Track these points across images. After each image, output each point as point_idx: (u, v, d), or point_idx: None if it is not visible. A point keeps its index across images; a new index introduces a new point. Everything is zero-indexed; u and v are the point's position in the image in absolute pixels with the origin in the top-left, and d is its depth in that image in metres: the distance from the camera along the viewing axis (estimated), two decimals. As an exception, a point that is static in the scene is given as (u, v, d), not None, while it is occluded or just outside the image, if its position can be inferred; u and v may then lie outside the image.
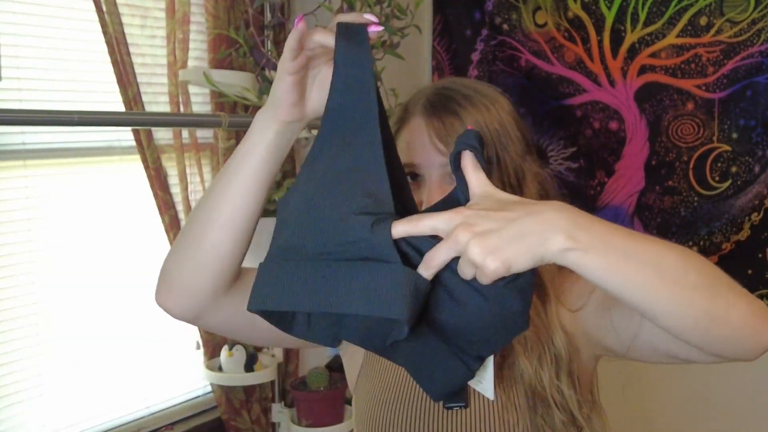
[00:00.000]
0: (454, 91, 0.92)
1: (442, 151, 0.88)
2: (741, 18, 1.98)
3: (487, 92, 0.94)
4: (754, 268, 2.03)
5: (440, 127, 0.88)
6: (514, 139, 0.92)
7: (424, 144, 0.89)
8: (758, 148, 2.00)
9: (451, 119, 0.89)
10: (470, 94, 0.92)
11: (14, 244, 1.52)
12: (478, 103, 0.91)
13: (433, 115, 0.90)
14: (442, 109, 0.90)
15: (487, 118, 0.90)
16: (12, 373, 1.52)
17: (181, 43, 1.70)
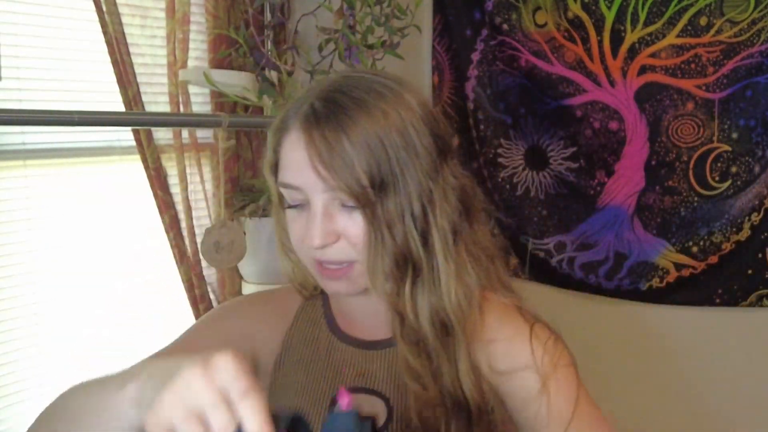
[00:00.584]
0: (345, 94, 0.75)
1: (325, 177, 0.72)
2: (741, 18, 1.98)
3: (388, 91, 0.77)
4: (754, 268, 2.03)
5: (321, 148, 0.72)
6: (420, 152, 0.75)
7: (305, 166, 0.73)
8: (758, 148, 2.00)
9: (336, 135, 0.72)
10: (363, 97, 0.75)
11: (14, 244, 1.52)
12: (373, 108, 0.74)
13: (315, 128, 0.73)
14: (326, 120, 0.73)
15: (384, 128, 0.74)
16: (12, 373, 1.52)
17: (181, 43, 1.70)
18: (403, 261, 0.75)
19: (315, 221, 0.74)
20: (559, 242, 2.34)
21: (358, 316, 0.87)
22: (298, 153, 0.74)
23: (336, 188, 0.72)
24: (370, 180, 0.72)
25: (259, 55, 1.70)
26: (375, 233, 0.74)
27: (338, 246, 0.76)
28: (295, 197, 0.77)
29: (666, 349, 2.24)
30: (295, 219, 0.79)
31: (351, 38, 1.69)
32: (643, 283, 2.21)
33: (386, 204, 0.74)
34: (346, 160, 0.72)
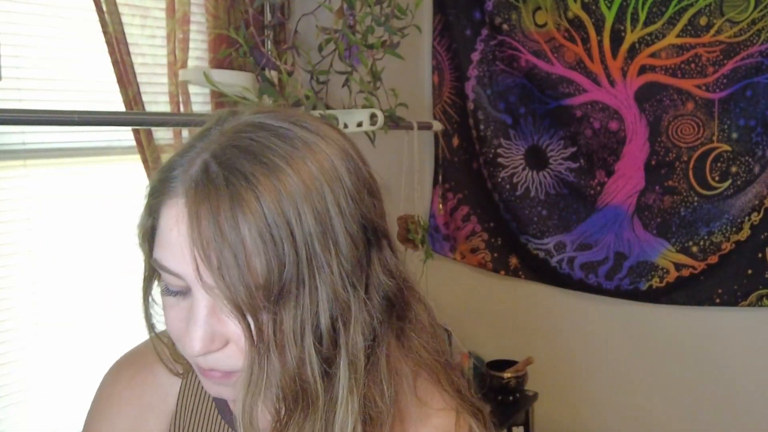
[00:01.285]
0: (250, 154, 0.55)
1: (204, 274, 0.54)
2: (741, 18, 1.98)
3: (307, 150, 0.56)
4: (754, 268, 2.03)
5: (207, 235, 0.53)
6: (342, 245, 0.56)
7: (185, 252, 0.55)
8: (758, 148, 2.00)
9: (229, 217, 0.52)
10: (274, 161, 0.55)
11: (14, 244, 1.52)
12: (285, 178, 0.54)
13: (203, 201, 0.53)
14: (217, 193, 0.53)
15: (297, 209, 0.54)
16: (12, 373, 1.52)
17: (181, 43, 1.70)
18: (292, 395, 0.56)
19: (197, 323, 0.56)
20: (559, 242, 2.34)
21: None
22: (178, 232, 0.55)
23: (219, 290, 0.53)
24: (265, 286, 0.53)
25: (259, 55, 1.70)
26: (258, 357, 0.55)
27: (225, 352, 0.58)
28: (174, 283, 0.58)
29: (666, 349, 2.24)
30: (173, 307, 0.59)
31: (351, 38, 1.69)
32: (643, 283, 2.21)
33: (281, 319, 0.55)
34: (237, 252, 0.52)
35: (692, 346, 2.19)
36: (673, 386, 2.23)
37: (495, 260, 2.48)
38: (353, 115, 1.70)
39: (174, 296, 0.59)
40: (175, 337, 0.61)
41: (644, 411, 2.29)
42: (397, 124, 1.86)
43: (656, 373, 2.26)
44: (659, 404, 2.26)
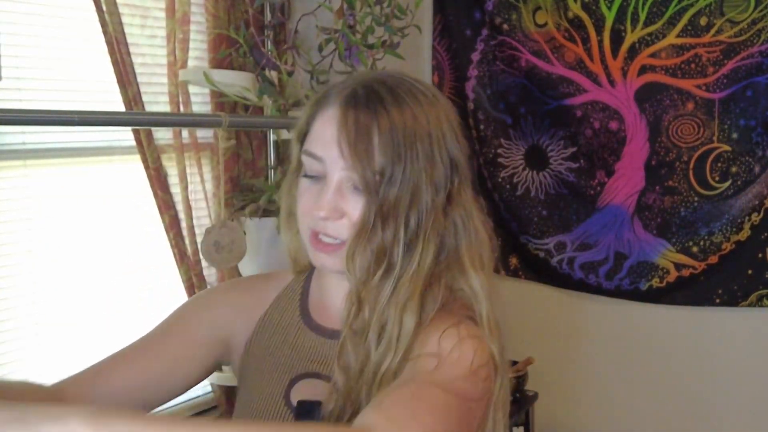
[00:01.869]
0: (386, 87, 0.80)
1: (345, 156, 0.76)
2: (741, 18, 1.98)
3: (424, 98, 0.81)
4: (754, 268, 2.03)
5: (352, 130, 0.77)
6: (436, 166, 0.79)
7: (332, 141, 0.78)
8: (758, 148, 2.00)
9: (368, 122, 0.77)
10: (401, 96, 0.79)
11: (14, 244, 1.52)
12: (407, 108, 0.78)
13: (351, 110, 0.78)
14: (363, 106, 0.78)
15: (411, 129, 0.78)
16: (12, 373, 1.52)
17: (181, 43, 1.70)
18: (382, 257, 0.78)
19: (327, 194, 0.78)
20: (559, 242, 2.34)
21: (333, 302, 0.88)
22: (330, 128, 0.79)
23: (351, 168, 0.77)
24: (381, 171, 0.76)
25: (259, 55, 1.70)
26: (368, 221, 0.77)
27: (339, 223, 0.79)
28: (313, 168, 0.80)
29: (666, 349, 2.24)
30: (307, 188, 0.82)
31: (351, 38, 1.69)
32: (643, 283, 2.21)
33: (388, 199, 0.77)
34: (368, 146, 0.76)
35: (692, 346, 2.19)
36: (673, 386, 2.23)
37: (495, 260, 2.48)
38: (353, 115, 1.70)
39: (310, 179, 0.81)
40: (303, 210, 0.82)
41: (644, 411, 2.29)
42: (397, 124, 1.85)
43: (656, 373, 2.26)
44: (659, 404, 2.26)
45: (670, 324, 2.22)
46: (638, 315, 2.26)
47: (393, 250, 0.78)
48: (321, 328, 0.88)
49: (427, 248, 0.78)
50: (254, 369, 0.90)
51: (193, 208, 1.73)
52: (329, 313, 0.89)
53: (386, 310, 0.78)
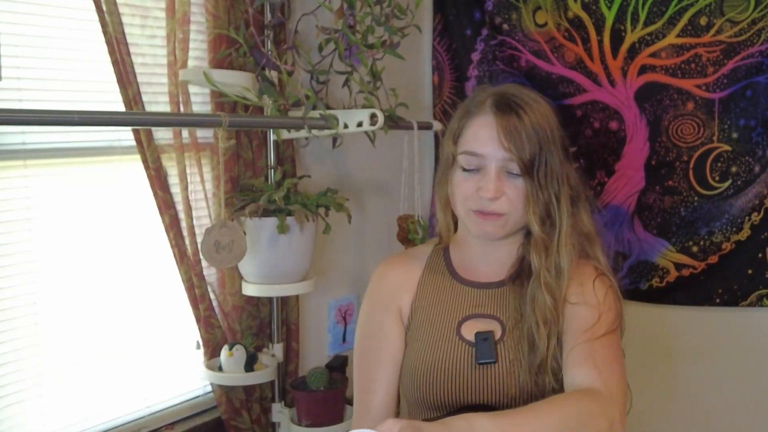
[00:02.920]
0: (518, 97, 1.10)
1: (506, 147, 1.06)
2: (741, 18, 1.98)
3: (539, 100, 1.12)
4: (754, 268, 2.03)
5: (507, 126, 1.06)
6: (558, 145, 1.10)
7: (492, 138, 1.07)
8: (758, 148, 2.00)
9: (516, 120, 1.07)
10: (528, 101, 1.10)
11: (14, 244, 1.52)
12: (535, 109, 1.09)
13: (502, 115, 1.07)
14: (509, 112, 1.08)
15: (542, 122, 1.09)
16: (12, 372, 1.52)
17: (181, 43, 1.70)
18: (547, 213, 1.10)
19: (492, 179, 1.07)
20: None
21: (477, 263, 1.19)
22: (487, 130, 1.08)
23: (513, 158, 1.06)
24: (532, 156, 1.07)
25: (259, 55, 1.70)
26: (533, 191, 1.08)
27: (500, 201, 1.08)
28: (471, 162, 1.09)
29: (666, 349, 2.24)
30: (466, 179, 1.10)
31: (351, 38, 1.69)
32: (644, 282, 2.21)
33: (539, 174, 1.07)
34: (522, 139, 1.06)
35: (692, 346, 2.19)
36: (673, 386, 2.23)
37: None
38: (353, 115, 1.70)
39: (469, 173, 1.10)
40: (465, 196, 1.11)
41: (644, 411, 2.29)
42: (397, 124, 1.86)
43: (656, 373, 2.26)
44: (659, 404, 2.26)
45: (670, 324, 2.22)
46: (638, 315, 2.25)
47: (550, 208, 1.09)
48: (471, 282, 1.18)
49: (566, 205, 1.10)
50: (422, 320, 1.17)
51: (193, 208, 1.73)
52: (475, 271, 1.19)
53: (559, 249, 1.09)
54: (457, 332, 1.13)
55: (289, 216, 1.69)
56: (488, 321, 1.13)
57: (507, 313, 1.13)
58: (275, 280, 1.74)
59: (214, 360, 1.80)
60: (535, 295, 1.09)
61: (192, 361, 1.83)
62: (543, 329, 1.06)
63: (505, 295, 1.15)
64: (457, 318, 1.14)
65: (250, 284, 1.76)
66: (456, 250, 1.23)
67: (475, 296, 1.16)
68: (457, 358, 1.10)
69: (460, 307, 1.15)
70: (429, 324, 1.16)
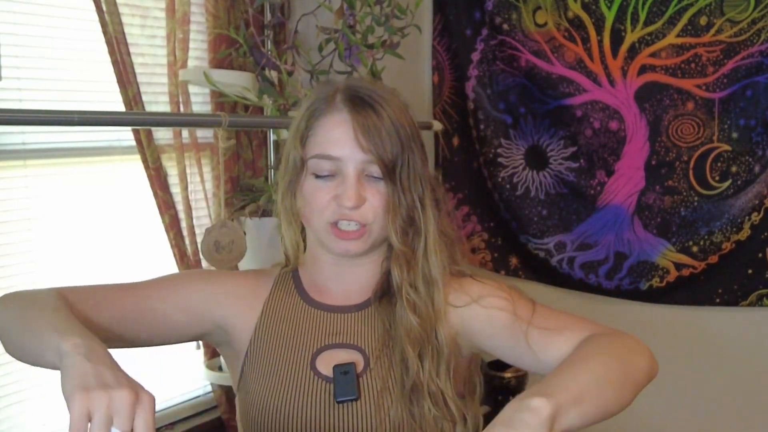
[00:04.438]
0: (372, 90, 0.96)
1: (364, 148, 0.92)
2: (741, 18, 1.98)
3: (394, 93, 1.00)
4: (754, 268, 2.03)
5: (364, 124, 0.92)
6: (418, 143, 0.98)
7: (349, 138, 0.93)
8: (758, 148, 2.00)
9: (374, 117, 0.93)
10: (383, 95, 0.97)
11: (14, 244, 1.52)
12: (392, 104, 0.96)
13: (357, 112, 0.93)
14: (364, 107, 0.94)
15: (401, 118, 0.96)
16: (12, 372, 1.52)
17: (181, 43, 1.70)
18: (410, 221, 0.97)
19: (351, 185, 0.92)
20: (559, 242, 2.34)
21: (332, 284, 1.02)
22: (342, 129, 0.93)
23: (373, 160, 0.93)
24: (394, 156, 0.94)
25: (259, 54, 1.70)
26: (395, 197, 0.95)
27: (363, 209, 0.94)
28: (325, 168, 0.94)
29: (666, 349, 2.23)
30: (320, 187, 0.94)
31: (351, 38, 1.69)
32: (644, 282, 2.21)
33: (402, 177, 0.95)
34: (382, 138, 0.93)
35: (692, 346, 2.19)
36: (673, 386, 2.23)
37: (495, 260, 2.48)
38: (353, 115, 1.70)
39: (323, 179, 0.94)
40: (319, 209, 0.94)
41: (644, 411, 2.28)
42: (397, 124, 1.85)
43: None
44: (659, 404, 2.26)
45: (670, 324, 2.22)
46: (638, 315, 2.26)
47: (414, 214, 0.97)
48: (325, 306, 1.01)
49: (432, 209, 0.99)
50: (267, 354, 0.99)
51: (193, 208, 1.73)
52: (330, 293, 1.02)
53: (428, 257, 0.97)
54: (312, 366, 0.96)
55: (289, 216, 1.69)
56: (348, 351, 0.97)
57: (371, 339, 0.97)
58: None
59: (214, 360, 1.80)
60: (401, 315, 0.95)
61: (192, 361, 1.83)
62: (412, 351, 0.93)
63: (369, 318, 0.99)
64: (311, 349, 0.97)
65: (250, 284, 1.76)
66: (306, 272, 1.05)
67: (331, 322, 0.99)
68: (313, 397, 0.93)
69: (315, 336, 0.98)
70: (278, 355, 0.98)
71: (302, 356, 0.97)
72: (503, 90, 2.38)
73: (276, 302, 1.03)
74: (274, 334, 1.00)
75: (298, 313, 1.01)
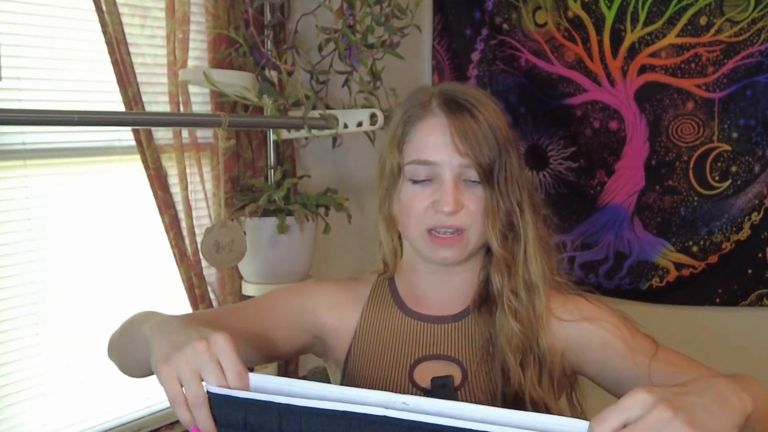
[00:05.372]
0: (467, 94, 0.96)
1: (461, 152, 0.91)
2: (741, 17, 1.98)
3: (489, 96, 0.98)
4: (754, 267, 2.03)
5: (461, 128, 0.92)
6: (515, 145, 0.97)
7: (446, 143, 0.92)
8: (758, 148, 2.00)
9: (470, 121, 0.92)
10: (479, 98, 0.95)
11: (14, 244, 1.52)
12: (488, 106, 0.95)
13: (454, 116, 0.93)
14: (460, 111, 0.93)
15: (497, 122, 0.94)
16: (12, 372, 1.52)
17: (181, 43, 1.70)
18: (510, 225, 0.95)
19: (449, 190, 0.91)
20: (559, 242, 2.34)
21: (430, 294, 1.01)
22: (439, 134, 0.93)
23: (471, 164, 0.92)
24: (491, 160, 0.93)
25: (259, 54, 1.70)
26: (493, 201, 0.93)
27: (460, 214, 0.93)
28: (421, 173, 0.94)
29: (666, 349, 2.24)
30: (418, 193, 0.94)
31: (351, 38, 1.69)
32: (643, 282, 2.21)
33: (500, 180, 0.93)
34: (479, 142, 0.92)
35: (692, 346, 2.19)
36: (674, 386, 2.24)
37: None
38: (353, 115, 1.70)
39: (421, 185, 0.94)
40: (416, 216, 0.94)
41: (644, 411, 2.29)
42: (397, 124, 1.85)
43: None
44: (659, 404, 2.26)
45: (670, 324, 2.22)
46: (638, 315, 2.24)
47: (513, 219, 0.95)
48: (424, 316, 1.00)
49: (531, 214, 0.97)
50: (366, 364, 0.99)
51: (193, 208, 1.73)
52: (427, 303, 1.01)
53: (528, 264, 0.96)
54: (410, 377, 0.96)
55: (289, 216, 1.69)
56: (446, 363, 0.96)
57: (470, 351, 0.96)
58: (275, 280, 1.74)
59: (214, 360, 1.80)
60: (502, 322, 0.95)
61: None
62: (514, 359, 0.92)
63: (467, 328, 0.98)
64: (410, 360, 0.97)
65: (250, 284, 1.76)
66: (403, 280, 1.04)
67: (429, 333, 0.99)
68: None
69: (413, 347, 0.98)
70: (377, 365, 0.98)
71: (400, 367, 0.97)
72: (503, 90, 2.38)
73: (374, 311, 1.03)
74: (372, 344, 1.00)
75: (396, 323, 1.01)
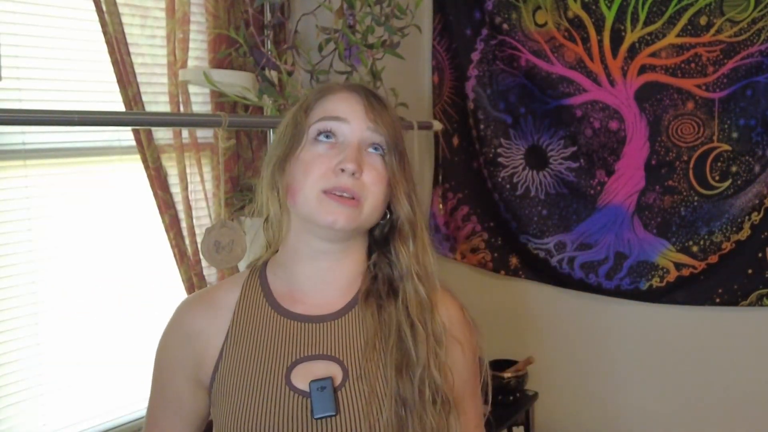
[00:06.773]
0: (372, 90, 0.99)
1: (371, 118, 0.92)
2: (741, 17, 1.98)
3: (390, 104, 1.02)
4: (754, 267, 2.03)
5: (371, 102, 0.93)
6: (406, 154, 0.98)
7: (356, 110, 0.93)
8: (758, 148, 2.00)
9: (380, 102, 0.95)
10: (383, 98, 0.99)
11: (14, 244, 1.52)
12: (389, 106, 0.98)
13: (365, 94, 0.95)
14: (371, 94, 0.96)
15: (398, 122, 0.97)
16: (12, 373, 1.52)
17: (181, 43, 1.70)
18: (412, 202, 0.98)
19: (353, 150, 0.90)
20: (559, 242, 2.34)
21: (309, 288, 0.96)
22: (350, 99, 0.94)
23: (380, 130, 0.92)
24: (395, 138, 0.94)
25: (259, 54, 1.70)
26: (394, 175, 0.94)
27: (360, 181, 0.90)
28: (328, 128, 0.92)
29: (666, 349, 2.24)
30: (321, 155, 0.91)
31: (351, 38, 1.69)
32: (644, 282, 2.21)
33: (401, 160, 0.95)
34: (386, 118, 0.93)
35: (692, 346, 2.19)
36: (673, 386, 2.23)
37: (495, 260, 2.48)
38: (353, 115, 1.70)
39: (324, 146, 0.92)
40: (314, 177, 0.90)
41: (644, 411, 2.29)
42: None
43: (656, 373, 2.26)
44: (659, 404, 2.26)
45: (670, 324, 2.22)
46: (638, 315, 2.26)
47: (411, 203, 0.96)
48: (299, 316, 0.95)
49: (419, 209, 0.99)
50: (237, 370, 0.93)
51: (193, 208, 1.73)
52: (304, 299, 0.96)
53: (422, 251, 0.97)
54: (287, 381, 0.90)
55: (289, 216, 1.69)
56: (326, 363, 0.91)
57: (353, 348, 0.92)
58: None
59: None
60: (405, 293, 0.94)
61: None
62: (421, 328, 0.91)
63: (349, 325, 0.94)
64: (286, 362, 0.91)
65: (250, 284, 1.76)
66: (280, 272, 0.98)
67: (306, 333, 0.93)
68: (289, 413, 0.87)
69: (289, 349, 0.92)
70: (251, 370, 0.92)
71: (276, 371, 0.91)
72: (503, 90, 2.38)
73: (243, 318, 0.96)
74: (244, 351, 0.93)
75: (270, 325, 0.94)
